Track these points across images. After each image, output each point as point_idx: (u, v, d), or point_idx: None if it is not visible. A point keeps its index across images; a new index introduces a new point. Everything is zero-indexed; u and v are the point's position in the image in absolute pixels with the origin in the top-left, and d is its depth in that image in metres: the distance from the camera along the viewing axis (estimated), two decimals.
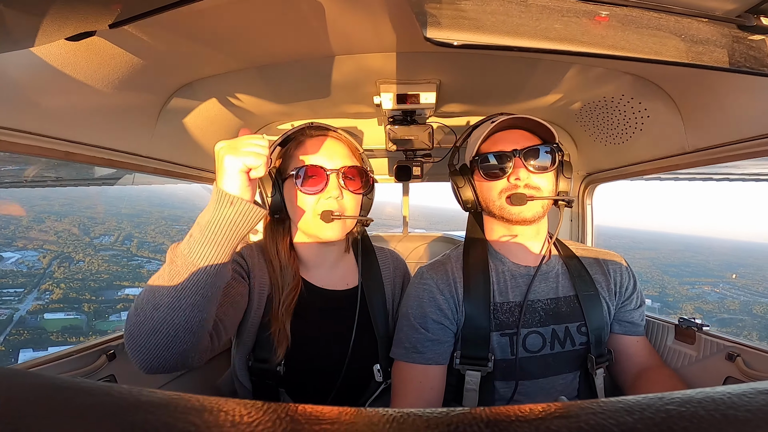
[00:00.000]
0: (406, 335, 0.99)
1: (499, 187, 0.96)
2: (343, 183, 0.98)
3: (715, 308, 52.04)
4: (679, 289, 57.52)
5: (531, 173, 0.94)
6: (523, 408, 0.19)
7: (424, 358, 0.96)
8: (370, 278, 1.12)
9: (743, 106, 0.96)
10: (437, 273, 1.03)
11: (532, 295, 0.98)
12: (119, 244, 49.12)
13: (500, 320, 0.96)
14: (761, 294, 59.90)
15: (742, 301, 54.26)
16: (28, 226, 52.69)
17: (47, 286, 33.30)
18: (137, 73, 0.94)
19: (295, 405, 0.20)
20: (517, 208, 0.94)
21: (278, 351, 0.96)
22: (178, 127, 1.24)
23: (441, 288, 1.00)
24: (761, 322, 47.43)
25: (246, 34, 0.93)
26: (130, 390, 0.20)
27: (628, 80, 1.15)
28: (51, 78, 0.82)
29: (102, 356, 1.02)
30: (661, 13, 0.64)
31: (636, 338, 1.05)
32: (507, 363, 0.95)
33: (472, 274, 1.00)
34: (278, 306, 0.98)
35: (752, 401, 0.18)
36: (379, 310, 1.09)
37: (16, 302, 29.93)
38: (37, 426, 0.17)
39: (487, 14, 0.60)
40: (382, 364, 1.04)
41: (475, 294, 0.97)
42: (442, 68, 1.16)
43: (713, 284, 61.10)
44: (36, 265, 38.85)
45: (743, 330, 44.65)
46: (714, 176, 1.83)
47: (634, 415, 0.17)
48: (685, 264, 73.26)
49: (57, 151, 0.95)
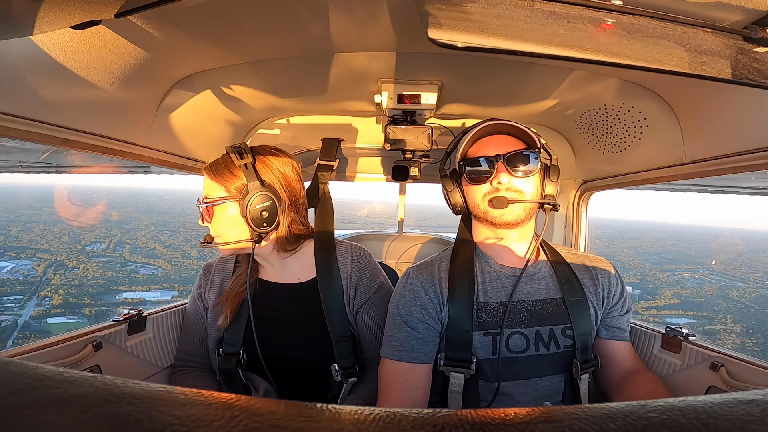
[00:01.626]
0: (393, 334, 1.00)
1: (482, 191, 0.98)
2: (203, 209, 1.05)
3: (693, 293, 53.30)
4: (660, 276, 58.79)
5: (513, 177, 0.95)
6: (508, 411, 0.19)
7: (410, 356, 0.97)
8: (324, 273, 1.13)
9: (743, 119, 0.96)
10: (423, 273, 1.05)
11: (517, 296, 0.99)
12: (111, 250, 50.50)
13: (483, 320, 0.98)
14: (739, 279, 61.29)
15: (720, 286, 55.56)
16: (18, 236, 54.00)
17: (46, 292, 34.75)
18: (139, 64, 0.94)
19: (282, 401, 0.20)
20: (499, 211, 0.96)
21: (219, 319, 1.12)
22: (177, 119, 1.24)
23: (426, 288, 1.02)
24: (736, 306, 48.90)
25: (249, 29, 0.93)
26: (115, 381, 0.20)
27: (630, 89, 1.15)
28: (51, 65, 0.81)
29: (88, 346, 1.02)
30: (667, 23, 0.64)
31: (622, 344, 1.07)
32: (490, 363, 0.96)
33: (458, 275, 1.01)
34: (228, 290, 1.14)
35: (732, 411, 0.18)
36: (335, 308, 1.10)
37: (17, 309, 31.33)
38: (18, 415, 0.17)
39: (492, 17, 0.59)
40: (339, 363, 1.07)
41: (460, 294, 0.99)
42: (444, 70, 1.16)
43: (693, 270, 62.55)
44: (31, 273, 40.36)
45: (718, 314, 45.78)
46: (709, 188, 1.84)
47: (616, 422, 0.18)
48: (667, 252, 75.03)
49: (55, 138, 0.95)
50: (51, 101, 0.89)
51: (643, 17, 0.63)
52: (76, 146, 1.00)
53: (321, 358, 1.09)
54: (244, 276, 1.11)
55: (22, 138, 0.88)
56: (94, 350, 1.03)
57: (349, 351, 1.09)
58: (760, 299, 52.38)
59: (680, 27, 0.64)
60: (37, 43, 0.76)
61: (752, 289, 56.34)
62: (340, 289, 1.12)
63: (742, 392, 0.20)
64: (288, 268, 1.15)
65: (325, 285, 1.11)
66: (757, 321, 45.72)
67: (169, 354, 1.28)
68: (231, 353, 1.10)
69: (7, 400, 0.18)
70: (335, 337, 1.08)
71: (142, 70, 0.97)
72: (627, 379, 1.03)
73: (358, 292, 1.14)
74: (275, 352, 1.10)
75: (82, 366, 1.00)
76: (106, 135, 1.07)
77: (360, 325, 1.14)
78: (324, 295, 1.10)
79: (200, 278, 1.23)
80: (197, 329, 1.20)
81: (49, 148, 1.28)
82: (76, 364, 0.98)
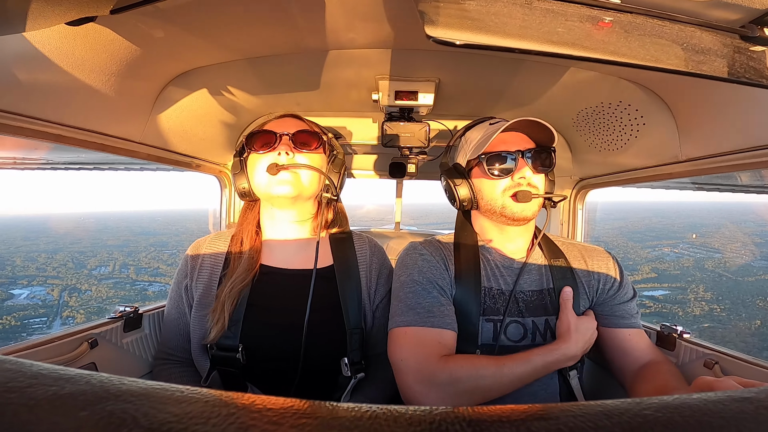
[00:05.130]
0: (417, 301, 0.95)
1: (502, 185, 1.00)
2: (294, 144, 1.01)
3: (670, 267, 55.67)
4: (641, 252, 61.51)
5: (534, 173, 0.99)
6: (505, 409, 0.19)
7: (442, 321, 0.93)
8: (342, 262, 1.08)
9: (739, 117, 0.97)
10: (432, 246, 1.06)
11: (516, 285, 1.01)
12: (118, 272, 54.30)
13: (487, 305, 0.99)
14: (716, 250, 64.41)
15: (697, 258, 58.57)
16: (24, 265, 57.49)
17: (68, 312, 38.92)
18: (134, 60, 0.93)
19: (276, 398, 0.20)
20: (520, 206, 0.97)
21: (212, 332, 0.95)
22: (173, 116, 1.23)
23: (437, 259, 1.02)
24: (710, 276, 51.43)
25: (244, 25, 0.92)
26: (111, 378, 0.20)
27: (626, 87, 1.15)
28: (46, 62, 0.80)
29: (83, 344, 1.01)
30: (665, 21, 0.64)
31: (628, 331, 1.02)
32: (489, 349, 0.97)
33: (463, 257, 1.02)
34: (225, 287, 0.99)
35: (726, 409, 0.19)
36: (351, 298, 1.04)
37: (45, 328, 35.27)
38: (14, 413, 0.17)
39: (491, 15, 0.59)
40: (350, 357, 0.99)
41: (467, 276, 1.00)
42: (442, 67, 1.16)
43: (673, 245, 65.40)
44: (48, 298, 44.47)
45: (692, 284, 47.74)
46: (705, 186, 1.85)
47: (612, 419, 0.18)
48: (651, 229, 78.45)
49: (49, 134, 0.94)
50: (45, 98, 0.88)
51: (640, 16, 0.63)
52: (70, 142, 0.99)
53: (330, 352, 1.00)
54: (248, 263, 1.02)
55: (16, 135, 0.87)
56: (90, 348, 1.02)
57: (359, 344, 1.02)
58: (733, 268, 54.84)
59: (678, 25, 0.65)
60: (31, 39, 0.75)
61: (727, 259, 58.96)
62: (357, 278, 1.08)
63: (736, 390, 0.20)
64: (303, 252, 1.08)
65: (343, 273, 1.07)
66: (728, 288, 47.61)
67: None
68: (226, 350, 0.97)
69: (2, 398, 0.18)
70: (350, 329, 1.01)
71: (137, 66, 0.96)
72: (640, 372, 0.97)
73: (379, 283, 1.11)
74: (277, 347, 0.99)
75: (77, 364, 0.99)
76: (102, 131, 1.06)
77: (378, 318, 1.10)
78: (341, 284, 1.05)
79: (186, 264, 1.07)
80: (180, 325, 1.06)
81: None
82: (72, 361, 0.97)
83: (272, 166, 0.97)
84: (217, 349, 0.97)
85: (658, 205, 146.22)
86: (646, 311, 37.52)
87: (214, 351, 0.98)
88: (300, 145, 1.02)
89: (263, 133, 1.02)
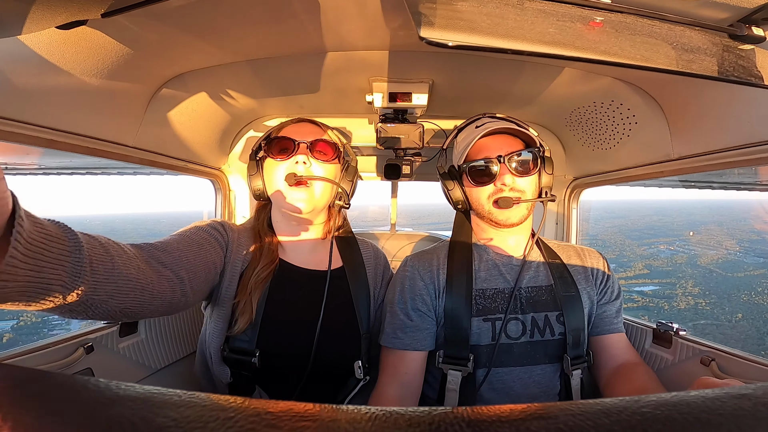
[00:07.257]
0: (389, 321, 1.03)
1: (486, 192, 1.00)
2: (311, 153, 1.01)
3: (664, 263, 56.44)
4: (637, 250, 62.21)
5: (516, 177, 0.98)
6: (504, 408, 0.19)
7: (402, 343, 1.00)
8: (351, 264, 1.11)
9: (729, 115, 0.98)
10: (420, 261, 1.08)
11: (518, 282, 1.02)
12: None
13: (482, 305, 1.00)
14: (711, 247, 65.51)
15: (691, 255, 59.43)
16: None
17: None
18: (127, 63, 0.93)
19: (275, 401, 0.20)
20: (505, 213, 0.98)
21: (239, 322, 0.94)
22: (167, 119, 1.22)
23: (422, 275, 1.04)
24: (701, 272, 52.42)
25: (238, 27, 0.92)
26: (108, 384, 0.20)
27: (618, 86, 1.16)
28: (37, 66, 0.79)
29: (79, 349, 1.00)
30: (654, 21, 0.65)
31: (615, 336, 1.06)
32: (488, 348, 0.97)
33: (456, 262, 1.04)
34: (250, 277, 0.98)
35: (724, 405, 0.19)
36: (362, 300, 1.07)
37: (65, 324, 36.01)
38: (12, 418, 0.17)
39: (483, 16, 0.60)
40: (363, 360, 1.02)
41: (458, 281, 1.01)
42: (436, 68, 1.17)
43: (669, 243, 66.40)
44: None
45: (681, 280, 48.29)
46: (697, 184, 1.88)
47: (611, 417, 0.18)
48: (649, 227, 79.21)
49: (41, 139, 0.93)
50: (36, 102, 0.87)
51: (631, 15, 0.64)
52: (62, 147, 0.98)
53: (344, 353, 1.01)
54: (270, 256, 1.01)
55: (6, 139, 0.86)
56: (86, 353, 1.01)
57: (369, 347, 1.05)
58: (725, 264, 55.53)
59: (667, 25, 0.65)
60: (21, 43, 0.74)
61: (720, 255, 59.59)
62: (365, 281, 1.11)
63: (734, 387, 0.21)
64: (318, 254, 1.10)
65: (353, 275, 1.09)
66: (716, 284, 48.31)
67: (162, 356, 1.26)
68: (242, 353, 0.95)
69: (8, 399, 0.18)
70: (363, 332, 1.04)
71: (129, 69, 0.95)
72: (619, 372, 1.02)
73: (381, 286, 1.16)
74: (294, 345, 0.98)
75: (73, 369, 0.98)
76: (94, 136, 1.05)
77: (378, 320, 1.12)
78: (353, 286, 1.07)
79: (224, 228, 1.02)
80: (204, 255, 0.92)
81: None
82: (68, 367, 0.96)
83: (290, 176, 0.98)
84: (229, 351, 0.96)
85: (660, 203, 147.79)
86: (633, 305, 37.74)
87: (226, 353, 0.96)
88: (317, 153, 1.03)
89: (281, 139, 1.03)
